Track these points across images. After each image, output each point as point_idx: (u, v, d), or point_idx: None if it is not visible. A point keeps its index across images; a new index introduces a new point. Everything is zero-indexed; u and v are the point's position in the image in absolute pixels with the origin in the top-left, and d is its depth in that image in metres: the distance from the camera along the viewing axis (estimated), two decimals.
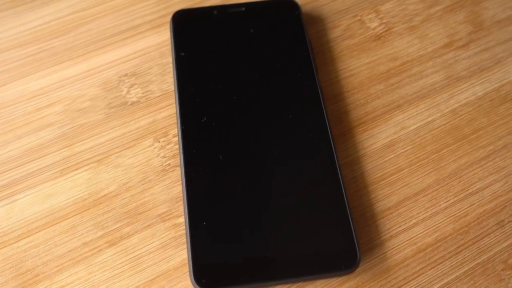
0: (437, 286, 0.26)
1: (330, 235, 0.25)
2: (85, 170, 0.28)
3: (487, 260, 0.26)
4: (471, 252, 0.27)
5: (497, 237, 0.27)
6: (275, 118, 0.29)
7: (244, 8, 0.33)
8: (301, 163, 0.27)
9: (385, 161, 0.29)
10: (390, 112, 0.31)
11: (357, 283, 0.26)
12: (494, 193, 0.28)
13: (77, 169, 0.28)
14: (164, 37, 0.33)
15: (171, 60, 0.32)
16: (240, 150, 0.28)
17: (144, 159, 0.29)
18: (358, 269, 0.26)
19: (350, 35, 0.34)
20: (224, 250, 0.25)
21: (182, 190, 0.26)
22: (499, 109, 0.31)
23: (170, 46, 0.32)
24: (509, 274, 0.26)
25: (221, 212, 0.26)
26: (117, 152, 0.29)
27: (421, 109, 0.31)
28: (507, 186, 0.29)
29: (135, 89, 0.31)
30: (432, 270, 0.26)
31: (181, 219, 0.27)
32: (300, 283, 0.25)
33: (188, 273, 0.25)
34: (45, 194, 0.27)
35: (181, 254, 0.26)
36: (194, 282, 0.24)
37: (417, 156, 0.29)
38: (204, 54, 0.31)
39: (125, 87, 0.31)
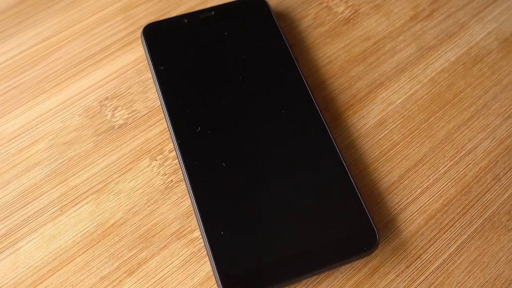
0: (453, 248, 0.27)
1: (346, 220, 0.26)
2: (86, 203, 0.27)
3: (493, 215, 0.28)
4: (476, 210, 0.28)
5: (496, 191, 0.29)
6: (268, 115, 0.29)
7: (213, 12, 0.32)
8: (303, 156, 0.28)
9: (380, 138, 0.30)
10: (374, 91, 0.32)
11: (379, 260, 0.26)
12: (485, 150, 0.30)
13: (77, 203, 0.27)
14: (138, 53, 0.32)
15: (151, 75, 0.31)
16: (241, 153, 0.28)
17: (145, 181, 0.28)
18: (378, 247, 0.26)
19: (320, 23, 0.34)
20: (247, 255, 0.25)
21: (192, 204, 0.26)
22: (472, 70, 0.33)
23: (146, 62, 0.32)
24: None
25: (236, 218, 0.26)
26: (115, 179, 0.28)
27: (402, 83, 0.32)
28: (495, 141, 0.30)
29: (119, 111, 0.30)
30: (446, 234, 0.27)
31: (196, 233, 0.27)
32: (327, 272, 0.26)
33: (215, 285, 0.25)
34: (49, 236, 0.26)
35: (204, 268, 0.26)
36: None
37: (408, 128, 0.30)
38: (184, 64, 0.30)
39: (109, 111, 0.30)
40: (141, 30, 0.33)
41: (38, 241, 0.26)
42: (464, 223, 0.28)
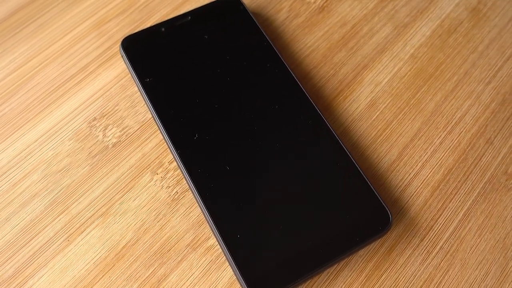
0: (461, 214, 0.28)
1: (358, 204, 0.26)
2: (93, 229, 0.26)
3: (491, 177, 0.29)
4: (476, 175, 0.29)
5: (490, 154, 0.30)
6: (263, 112, 0.29)
7: (189, 17, 0.32)
8: (304, 148, 0.28)
9: (373, 119, 0.30)
10: (360, 74, 0.32)
11: (394, 238, 0.27)
12: (473, 116, 0.31)
13: (84, 230, 0.26)
14: (119, 68, 0.31)
15: (137, 89, 0.30)
16: (243, 154, 0.27)
17: (150, 196, 0.27)
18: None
19: (296, 15, 0.34)
20: (267, 254, 0.25)
21: (202, 212, 0.26)
22: (448, 42, 0.34)
23: (129, 76, 0.31)
24: (511, 183, 0.29)
25: (249, 219, 0.26)
26: (119, 199, 0.27)
27: (385, 62, 0.33)
28: (481, 106, 0.31)
29: (110, 130, 0.29)
30: (451, 202, 0.28)
31: (211, 241, 0.26)
32: (347, 258, 0.26)
33: None
34: (60, 268, 0.25)
35: (226, 274, 0.25)
36: None
37: (398, 106, 0.31)
38: (169, 73, 0.30)
39: (99, 131, 0.29)
40: (118, 44, 0.32)
41: (50, 275, 0.25)
42: (466, 189, 0.28)
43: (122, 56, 0.30)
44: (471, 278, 0.26)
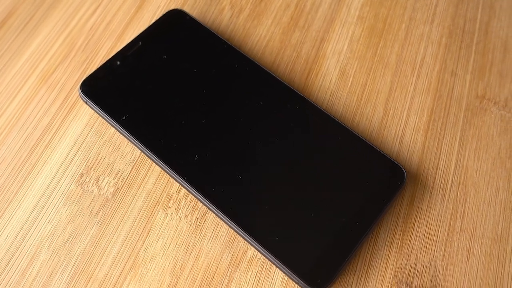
0: (457, 145, 0.30)
1: (371, 169, 0.27)
2: (128, 285, 0.25)
3: (468, 104, 0.31)
4: (454, 107, 0.31)
5: (458, 84, 0.32)
6: (251, 112, 0.28)
7: (140, 42, 0.30)
8: (303, 133, 0.28)
9: (349, 86, 0.31)
10: (320, 48, 0.33)
11: (410, 189, 0.28)
12: (432, 55, 0.33)
13: None
14: (85, 116, 0.29)
15: (114, 130, 0.29)
16: (248, 158, 0.27)
17: (172, 232, 0.26)
18: None
19: (240, 10, 0.34)
20: (309, 245, 0.25)
21: (232, 228, 0.25)
22: None
23: (101, 120, 0.29)
24: (486, 102, 0.31)
25: (279, 218, 0.25)
26: (142, 246, 0.26)
27: (338, 31, 0.34)
28: (434, 45, 0.33)
29: (103, 180, 0.27)
30: (445, 138, 0.30)
31: (250, 252, 0.26)
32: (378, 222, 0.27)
33: (296, 287, 0.25)
34: None
35: (277, 278, 0.25)
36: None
37: (366, 66, 0.32)
38: (143, 103, 0.28)
39: (92, 185, 0.27)
40: (75, 92, 0.30)
41: None
42: (452, 122, 0.30)
43: (86, 102, 0.28)
44: (487, 197, 0.28)
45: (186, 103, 0.28)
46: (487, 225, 0.27)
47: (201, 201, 0.26)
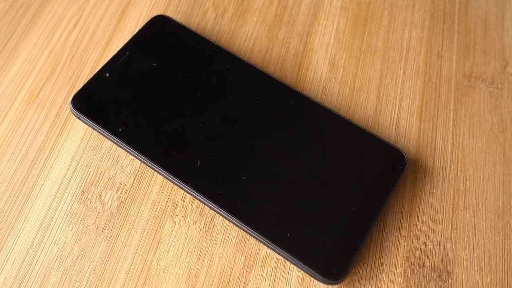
0: (451, 125, 0.30)
1: (372, 156, 0.27)
2: None
3: (456, 84, 0.32)
4: (444, 88, 0.31)
5: (445, 65, 0.32)
6: (249, 112, 0.28)
7: (128, 51, 0.30)
8: (302, 128, 0.28)
9: (340, 77, 0.32)
10: (307, 42, 0.33)
11: (412, 172, 0.29)
12: (417, 39, 0.33)
13: None
14: (79, 131, 0.29)
15: (110, 143, 0.28)
16: (251, 158, 0.27)
17: (182, 240, 0.26)
18: None
19: (223, 10, 0.34)
20: (321, 238, 0.25)
21: (242, 229, 0.25)
22: None
23: (95, 134, 0.29)
24: (473, 80, 0.32)
25: (289, 214, 0.25)
26: (153, 258, 0.25)
27: (323, 23, 0.34)
28: (418, 28, 0.34)
29: (105, 195, 0.27)
30: (439, 119, 0.30)
31: (263, 252, 0.26)
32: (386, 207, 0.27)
33: (313, 280, 0.25)
34: None
35: (293, 274, 0.25)
36: (328, 280, 0.24)
37: (354, 56, 0.32)
38: (138, 113, 0.28)
39: (95, 201, 0.27)
40: (65, 108, 0.29)
41: None
42: (444, 103, 0.31)
43: (79, 118, 0.28)
44: (486, 173, 0.29)
45: (182, 108, 0.28)
46: (489, 200, 0.28)
47: (208, 206, 0.26)
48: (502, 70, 0.32)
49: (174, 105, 0.28)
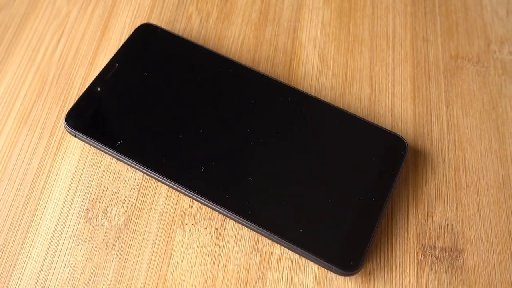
0: (444, 106, 0.31)
1: (373, 145, 0.28)
2: None
3: (444, 65, 0.32)
4: (433, 71, 0.32)
5: (432, 48, 0.33)
6: (247, 113, 0.28)
7: (117, 64, 0.29)
8: (302, 124, 0.28)
9: (332, 69, 0.32)
10: (295, 37, 0.33)
11: (412, 156, 0.29)
12: (401, 25, 0.34)
13: None
14: (76, 149, 0.28)
15: (110, 158, 0.28)
16: (255, 159, 0.27)
17: (194, 247, 0.26)
18: None
19: (207, 13, 0.34)
20: (333, 230, 0.25)
21: (254, 231, 0.25)
22: None
23: (93, 150, 0.28)
24: (460, 61, 0.32)
25: (299, 210, 0.26)
26: (168, 268, 0.25)
27: (308, 17, 0.34)
28: (401, 14, 0.34)
29: (111, 211, 0.26)
30: (432, 102, 0.31)
31: (277, 250, 0.26)
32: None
33: (329, 273, 0.25)
34: None
35: (309, 269, 0.25)
36: (345, 272, 0.24)
37: (343, 48, 0.33)
38: (135, 124, 0.27)
39: (101, 218, 0.26)
40: (59, 127, 0.29)
41: None
42: (434, 85, 0.31)
43: (74, 135, 0.27)
44: (483, 150, 0.29)
45: (179, 115, 0.28)
46: (489, 176, 0.28)
47: (218, 211, 0.26)
48: (486, 48, 0.33)
49: (171, 112, 0.28)
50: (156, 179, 0.26)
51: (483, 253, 0.26)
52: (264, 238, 0.26)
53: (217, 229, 0.26)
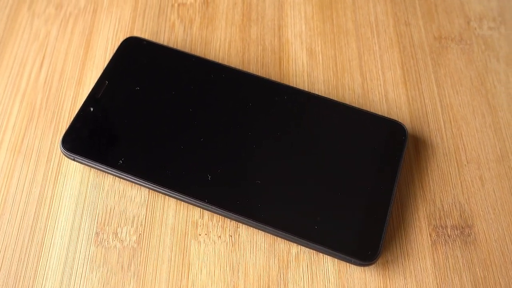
0: (435, 87, 0.31)
1: (374, 133, 0.28)
2: None
3: (430, 47, 0.33)
4: (420, 54, 0.32)
5: (415, 31, 0.33)
6: (246, 116, 0.28)
7: (107, 81, 0.29)
8: (300, 121, 0.28)
9: (321, 63, 0.32)
10: (281, 35, 0.33)
11: (412, 141, 0.29)
12: (383, 12, 0.34)
13: None
14: (76, 173, 0.27)
15: (112, 177, 0.27)
16: (260, 161, 0.27)
17: (211, 257, 0.25)
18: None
19: (190, 20, 0.33)
20: (347, 223, 0.25)
21: (270, 233, 0.25)
22: None
23: (94, 171, 0.27)
24: (444, 41, 0.33)
25: (311, 207, 0.26)
26: (187, 282, 0.25)
27: (291, 14, 0.34)
28: (381, 2, 0.35)
29: (122, 232, 0.26)
30: (423, 83, 0.31)
31: (294, 250, 0.26)
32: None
33: (349, 266, 0.25)
34: None
35: (329, 264, 0.25)
36: (364, 262, 0.24)
37: (329, 40, 0.33)
38: (134, 141, 0.27)
39: (113, 240, 0.26)
40: (56, 151, 0.28)
41: None
42: (423, 67, 0.32)
43: (73, 159, 0.27)
44: (477, 125, 0.30)
45: (178, 126, 0.27)
46: (487, 150, 0.29)
47: (230, 218, 0.25)
48: (467, 26, 0.34)
49: (169, 124, 0.27)
50: (164, 193, 0.26)
51: (492, 226, 0.27)
52: (280, 239, 0.26)
53: (231, 236, 0.26)
